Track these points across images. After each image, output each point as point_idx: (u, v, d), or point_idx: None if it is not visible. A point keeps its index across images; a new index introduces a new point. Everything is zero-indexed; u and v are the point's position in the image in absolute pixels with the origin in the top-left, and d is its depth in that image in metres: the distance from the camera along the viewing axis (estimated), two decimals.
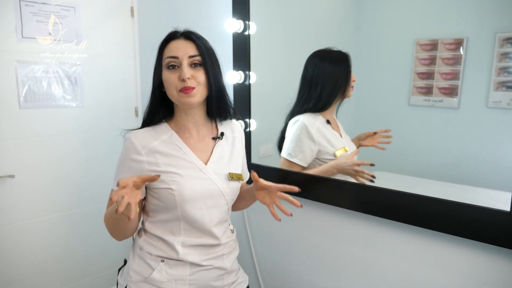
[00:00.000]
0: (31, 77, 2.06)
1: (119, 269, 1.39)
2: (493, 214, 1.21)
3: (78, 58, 2.22)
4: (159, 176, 1.08)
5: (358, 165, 1.56)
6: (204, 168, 1.24)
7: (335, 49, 1.64)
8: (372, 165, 1.55)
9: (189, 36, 1.21)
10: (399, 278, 1.51)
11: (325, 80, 1.62)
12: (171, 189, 1.18)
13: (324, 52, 1.66)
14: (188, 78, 1.16)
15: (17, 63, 2.01)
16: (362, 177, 1.55)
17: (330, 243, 1.71)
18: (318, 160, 1.66)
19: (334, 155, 1.62)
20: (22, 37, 2.01)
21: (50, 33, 2.09)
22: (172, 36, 1.22)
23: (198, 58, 1.19)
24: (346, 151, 1.63)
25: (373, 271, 1.58)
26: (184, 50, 1.18)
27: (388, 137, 1.62)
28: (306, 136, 1.64)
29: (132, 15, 2.42)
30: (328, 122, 1.67)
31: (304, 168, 1.69)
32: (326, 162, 1.64)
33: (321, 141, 1.64)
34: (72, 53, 2.19)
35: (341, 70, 1.62)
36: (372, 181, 1.52)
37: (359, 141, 1.69)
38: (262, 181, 1.22)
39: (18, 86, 2.02)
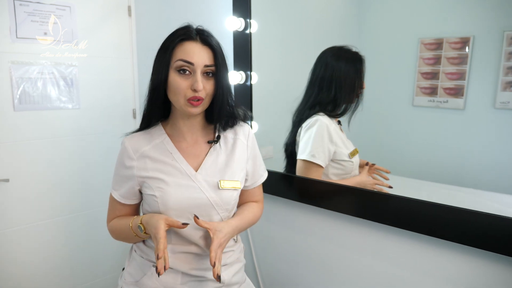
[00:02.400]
0: (26, 78, 2.03)
1: (123, 269, 1.36)
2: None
3: (74, 58, 2.18)
4: (186, 225, 1.10)
5: (376, 184, 1.56)
6: (194, 176, 1.18)
7: (354, 49, 1.58)
8: (388, 172, 1.56)
9: (207, 40, 1.13)
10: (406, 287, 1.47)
11: (340, 82, 1.57)
12: (155, 196, 1.15)
13: (341, 50, 1.59)
14: (200, 90, 1.10)
15: (11, 64, 1.98)
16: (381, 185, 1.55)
17: (335, 251, 1.67)
18: (333, 162, 1.61)
19: (349, 157, 1.59)
20: (17, 37, 1.98)
21: (45, 34, 2.05)
22: (188, 36, 1.13)
23: (212, 68, 1.13)
24: (357, 152, 1.61)
25: (379, 279, 1.54)
26: (201, 57, 1.11)
27: (384, 177, 1.58)
28: (327, 137, 1.59)
29: (130, 15, 2.39)
30: (339, 123, 1.64)
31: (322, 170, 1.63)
32: (341, 164, 1.60)
33: (338, 142, 1.59)
34: (68, 53, 2.15)
35: (357, 73, 1.57)
36: (390, 187, 1.52)
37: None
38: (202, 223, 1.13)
39: (12, 87, 1.99)
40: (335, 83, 1.57)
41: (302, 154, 1.63)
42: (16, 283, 2.11)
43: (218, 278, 1.04)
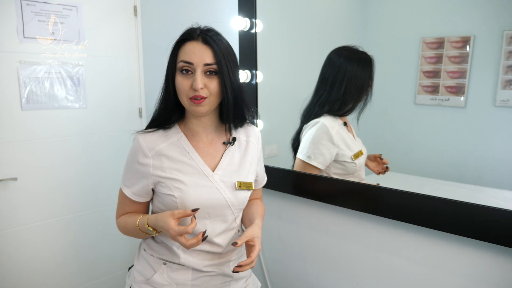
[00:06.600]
0: (33, 78, 2.04)
1: (129, 268, 1.38)
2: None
3: (80, 58, 2.20)
4: (196, 210, 1.09)
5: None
6: (211, 176, 1.19)
7: (361, 49, 1.59)
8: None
9: (207, 40, 1.12)
10: (410, 280, 1.49)
11: (351, 83, 1.58)
12: (173, 196, 1.15)
13: (351, 51, 1.60)
14: (201, 88, 1.10)
15: (19, 63, 1.99)
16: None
17: (339, 246, 1.69)
18: (336, 162, 1.63)
19: (352, 158, 1.60)
20: (24, 37, 1.99)
21: (52, 33, 2.07)
22: (189, 36, 1.14)
23: (214, 66, 1.12)
24: (362, 154, 1.62)
25: (383, 273, 1.57)
26: (200, 56, 1.11)
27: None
28: (326, 139, 1.60)
29: (135, 14, 2.40)
30: (345, 124, 1.65)
31: (320, 171, 1.65)
32: (342, 164, 1.61)
33: (340, 144, 1.60)
34: (74, 53, 2.17)
35: (367, 74, 1.58)
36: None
37: (367, 160, 1.68)
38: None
39: (20, 87, 2.00)
40: (346, 83, 1.57)
41: (300, 153, 1.69)
42: (25, 281, 2.13)
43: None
